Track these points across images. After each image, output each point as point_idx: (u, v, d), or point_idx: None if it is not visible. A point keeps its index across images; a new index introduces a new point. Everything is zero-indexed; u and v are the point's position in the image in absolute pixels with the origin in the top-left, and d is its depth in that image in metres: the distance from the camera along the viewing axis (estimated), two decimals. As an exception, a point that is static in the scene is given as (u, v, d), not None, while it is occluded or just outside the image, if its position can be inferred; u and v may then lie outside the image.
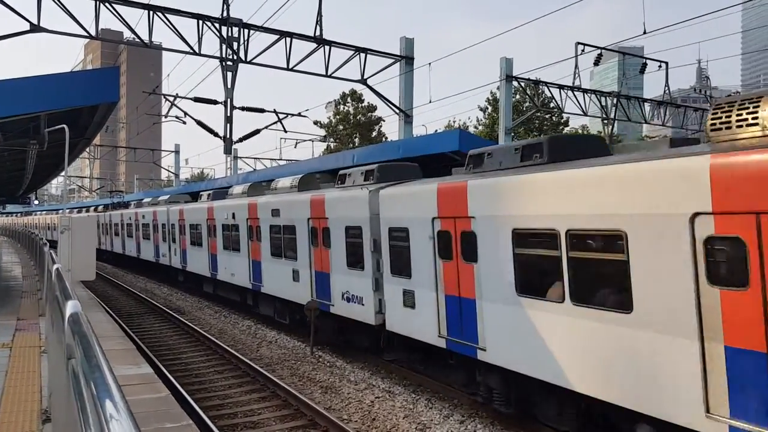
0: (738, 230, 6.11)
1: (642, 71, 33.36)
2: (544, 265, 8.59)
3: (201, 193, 26.63)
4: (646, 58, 33.09)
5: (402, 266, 11.74)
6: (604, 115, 32.63)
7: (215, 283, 22.71)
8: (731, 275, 6.25)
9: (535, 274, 8.94)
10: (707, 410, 6.37)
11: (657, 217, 6.89)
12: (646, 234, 7.02)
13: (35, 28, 17.72)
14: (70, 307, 3.36)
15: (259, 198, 18.65)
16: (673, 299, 6.71)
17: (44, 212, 67.61)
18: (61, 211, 35.42)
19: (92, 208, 50.53)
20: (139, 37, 19.84)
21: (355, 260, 13.42)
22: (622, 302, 7.33)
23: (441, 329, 10.73)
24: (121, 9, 18.97)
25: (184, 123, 32.74)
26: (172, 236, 27.20)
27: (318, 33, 22.08)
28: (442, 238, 10.60)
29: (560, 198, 8.26)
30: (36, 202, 68.67)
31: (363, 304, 13.15)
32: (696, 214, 6.46)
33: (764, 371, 5.89)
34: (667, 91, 35.27)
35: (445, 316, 10.63)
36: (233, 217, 19.95)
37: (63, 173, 26.53)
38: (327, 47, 22.40)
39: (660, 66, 33.78)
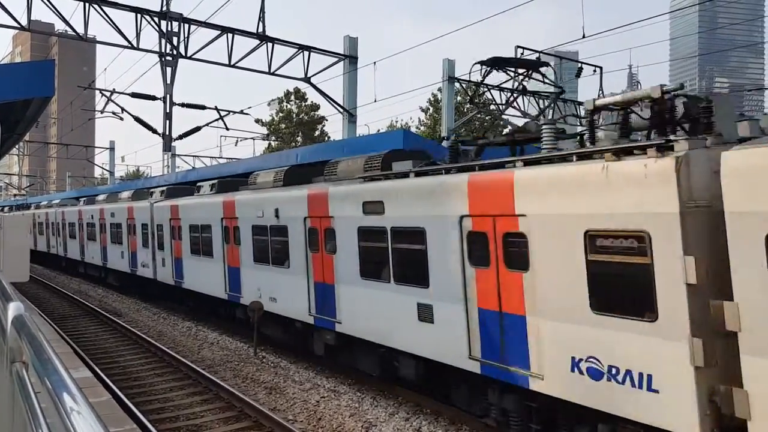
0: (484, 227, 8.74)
1: (578, 75, 34.32)
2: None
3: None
4: (582, 63, 34.06)
5: (162, 244, 21.00)
6: (542, 117, 33.48)
7: (85, 264, 31.78)
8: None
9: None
10: (469, 354, 9.04)
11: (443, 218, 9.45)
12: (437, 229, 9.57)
13: (-40, 18, 16.83)
14: (13, 309, 3.23)
15: (105, 205, 28.05)
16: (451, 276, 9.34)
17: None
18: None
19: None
20: (74, 30, 19.10)
21: (145, 243, 22.46)
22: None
23: (171, 274, 20.51)
24: (55, 0, 18.23)
25: (121, 119, 31.68)
26: None
27: (261, 29, 21.81)
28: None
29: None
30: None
31: (149, 268, 22.17)
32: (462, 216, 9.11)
33: (498, 324, 8.59)
34: (601, 95, 36.50)
35: (173, 268, 20.18)
36: (91, 217, 29.48)
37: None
38: (270, 44, 22.15)
39: (595, 71, 34.91)
